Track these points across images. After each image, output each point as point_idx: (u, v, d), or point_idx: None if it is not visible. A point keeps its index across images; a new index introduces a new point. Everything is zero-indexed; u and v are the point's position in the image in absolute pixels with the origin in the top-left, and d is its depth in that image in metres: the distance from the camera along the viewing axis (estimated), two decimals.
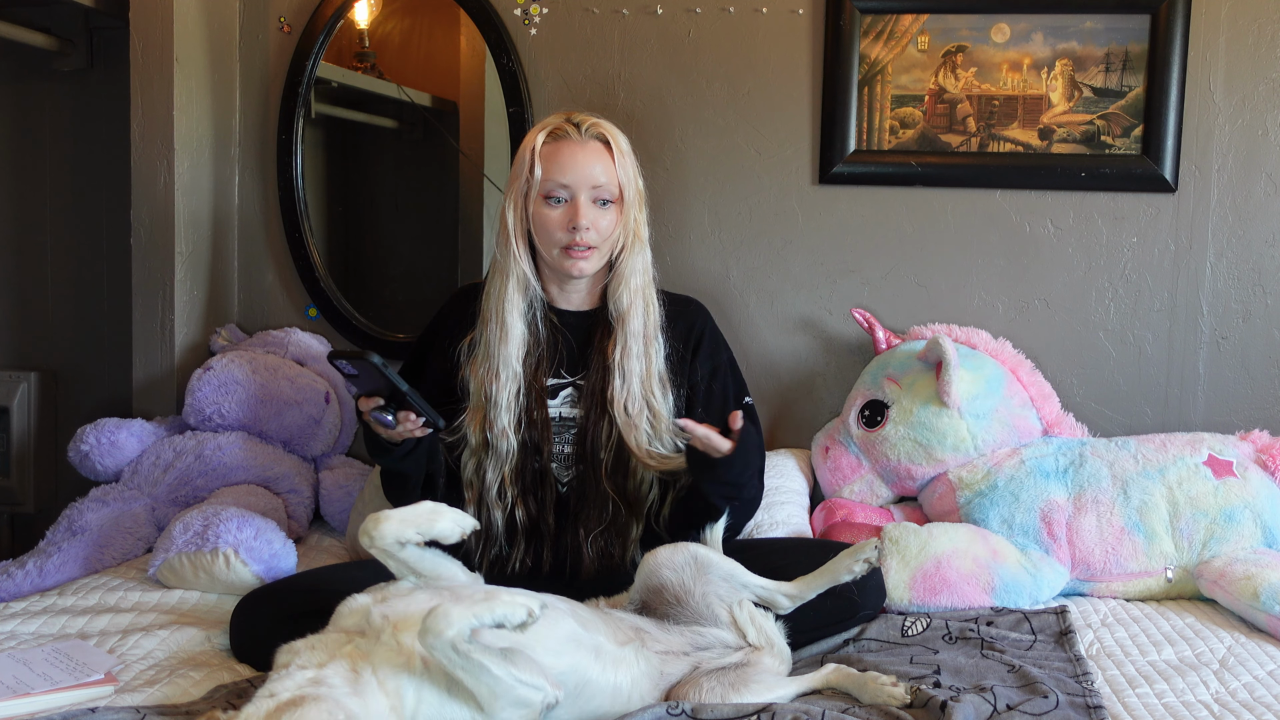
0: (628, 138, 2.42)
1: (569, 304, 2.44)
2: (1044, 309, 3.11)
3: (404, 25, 3.40)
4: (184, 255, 3.33)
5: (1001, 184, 3.10)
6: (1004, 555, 2.60)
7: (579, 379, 2.38)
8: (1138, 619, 2.51)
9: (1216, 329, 3.05)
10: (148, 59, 3.28)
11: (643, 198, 2.40)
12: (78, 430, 3.07)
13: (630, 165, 2.36)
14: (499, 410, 2.31)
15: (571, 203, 2.30)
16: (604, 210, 2.32)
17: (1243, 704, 2.03)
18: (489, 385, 2.32)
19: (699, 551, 2.16)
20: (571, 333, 2.41)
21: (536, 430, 2.34)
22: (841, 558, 2.19)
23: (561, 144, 2.31)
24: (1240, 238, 3.03)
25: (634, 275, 2.36)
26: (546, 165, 2.30)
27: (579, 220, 2.28)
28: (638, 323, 2.35)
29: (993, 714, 1.87)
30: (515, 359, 2.32)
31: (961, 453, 2.84)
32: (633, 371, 2.32)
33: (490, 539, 2.34)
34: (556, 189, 2.30)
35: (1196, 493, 2.68)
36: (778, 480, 2.93)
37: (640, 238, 2.37)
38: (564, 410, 2.38)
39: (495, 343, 2.33)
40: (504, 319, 2.33)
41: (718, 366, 2.49)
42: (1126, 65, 3.02)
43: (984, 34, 3.07)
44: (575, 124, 2.33)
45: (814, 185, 3.18)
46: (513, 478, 2.33)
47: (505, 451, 2.32)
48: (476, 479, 2.34)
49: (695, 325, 2.49)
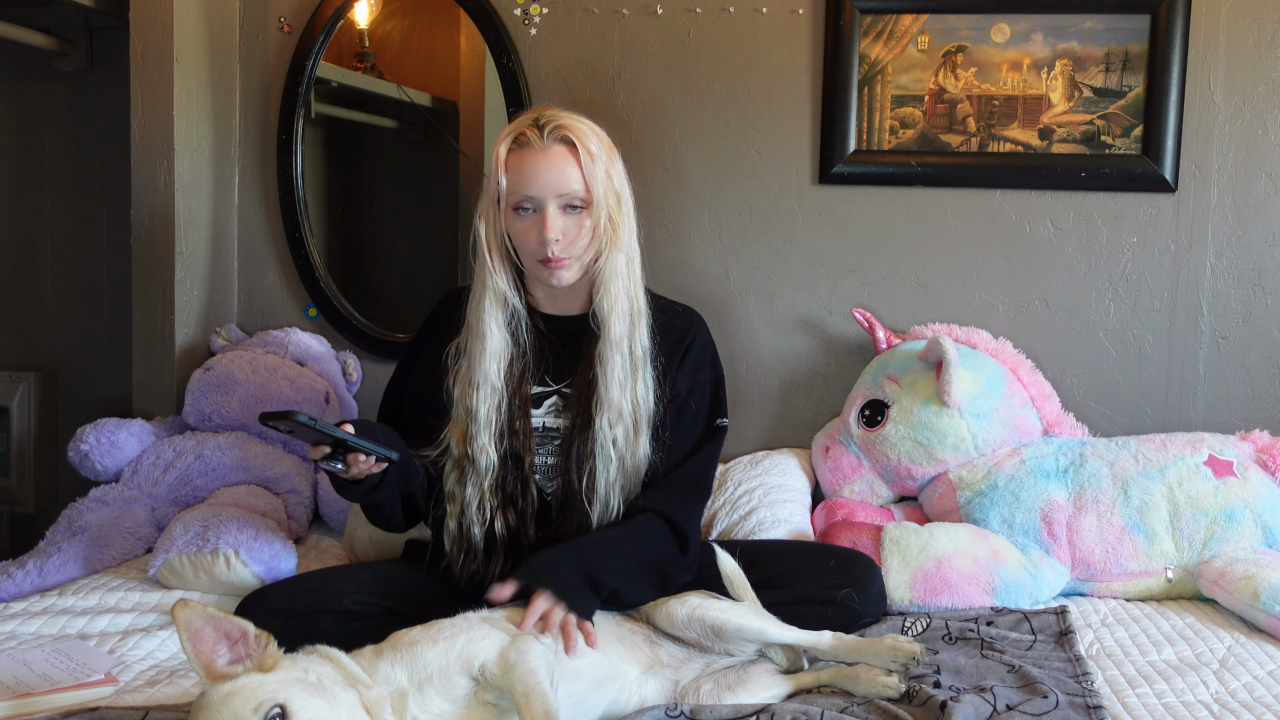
0: (627, 136, 2.35)
1: (555, 308, 2.36)
2: (1044, 309, 3.11)
3: (404, 25, 3.40)
4: (184, 255, 3.33)
5: (1001, 184, 3.10)
6: (1005, 555, 2.60)
7: (564, 386, 2.32)
8: (1138, 619, 2.50)
9: (1216, 329, 3.05)
10: (148, 59, 3.27)
11: (621, 197, 2.27)
12: (78, 430, 3.06)
13: (601, 166, 2.21)
14: (479, 425, 2.24)
15: (539, 213, 2.19)
16: (574, 216, 2.21)
17: (1243, 704, 2.02)
18: (469, 398, 2.25)
19: (717, 620, 2.08)
20: (560, 339, 2.34)
21: (519, 441, 2.27)
22: (883, 648, 2.04)
23: (524, 152, 2.20)
24: (1240, 238, 3.03)
25: (615, 278, 2.24)
26: (511, 176, 2.20)
27: (546, 234, 2.17)
28: (620, 327, 2.24)
29: (992, 714, 1.87)
30: (495, 373, 2.25)
31: (962, 452, 2.84)
32: (615, 379, 2.23)
33: (470, 552, 2.28)
34: (523, 200, 2.19)
35: (1197, 493, 2.68)
36: (780, 479, 2.94)
37: (619, 239, 2.25)
38: (548, 420, 2.31)
39: (476, 355, 2.26)
40: (483, 330, 2.25)
41: (697, 384, 2.38)
42: (1126, 65, 3.02)
43: (984, 34, 3.07)
44: (539, 127, 2.19)
45: (814, 185, 3.18)
46: (493, 491, 2.26)
47: (485, 466, 2.25)
48: (458, 490, 2.27)
49: (686, 336, 2.38)
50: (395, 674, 1.75)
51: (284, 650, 1.67)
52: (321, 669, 1.68)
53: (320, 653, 1.74)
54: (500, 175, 2.21)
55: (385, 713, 1.68)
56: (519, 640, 1.84)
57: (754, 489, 2.89)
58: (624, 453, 2.25)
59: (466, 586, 2.25)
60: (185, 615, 1.59)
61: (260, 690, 1.55)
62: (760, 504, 2.83)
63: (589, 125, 2.25)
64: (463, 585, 2.26)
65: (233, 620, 1.63)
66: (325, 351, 3.33)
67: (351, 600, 2.17)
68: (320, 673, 1.66)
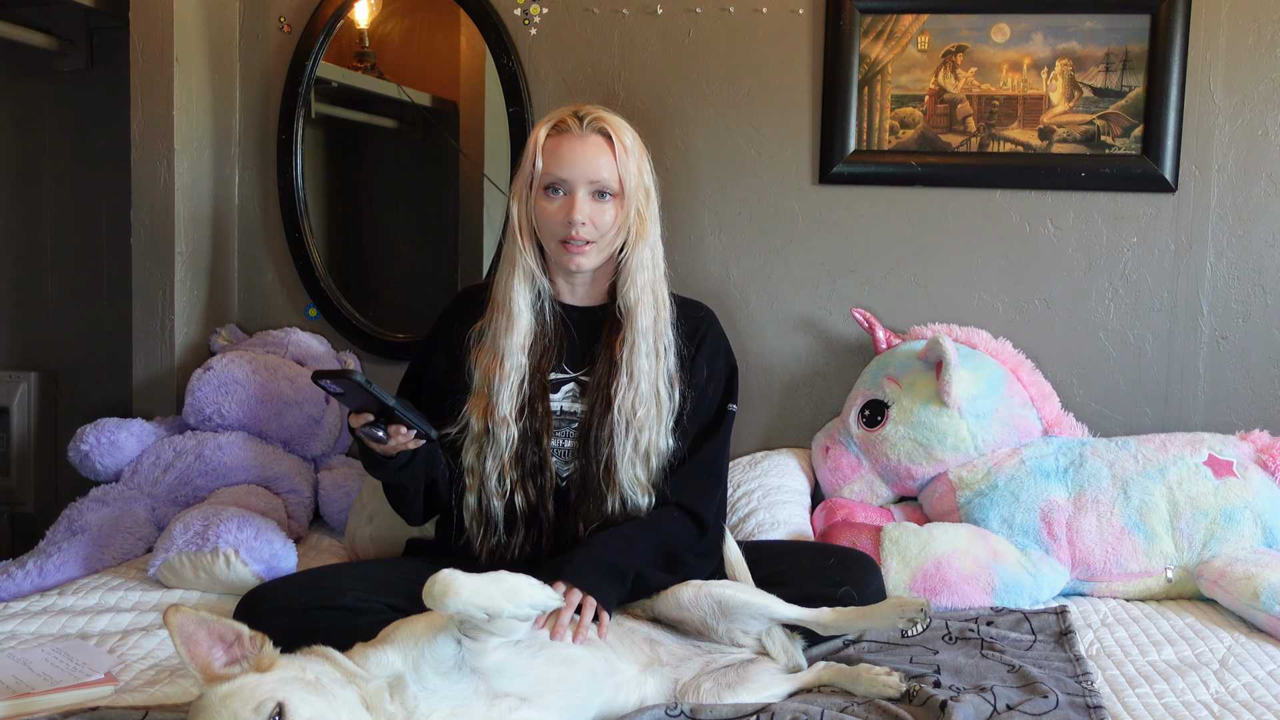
0: None
1: (575, 299, 2.42)
2: (1044, 309, 3.11)
3: (404, 25, 3.39)
4: (184, 255, 3.32)
5: (1001, 184, 3.10)
6: (1004, 556, 2.60)
7: (582, 374, 2.36)
8: (1138, 619, 2.50)
9: (1216, 329, 3.05)
10: (148, 59, 3.26)
11: (650, 194, 2.35)
12: (78, 430, 3.05)
13: (634, 161, 2.31)
14: (501, 398, 2.29)
15: (569, 196, 2.28)
16: (603, 205, 2.29)
17: (1243, 704, 2.02)
18: (493, 372, 2.30)
19: (723, 595, 2.12)
20: (576, 328, 2.39)
21: (538, 420, 2.32)
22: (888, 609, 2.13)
23: (563, 138, 2.29)
24: (1240, 238, 3.02)
25: (641, 271, 2.32)
26: (547, 158, 2.28)
27: (574, 215, 2.26)
28: (646, 319, 2.32)
29: (992, 714, 1.87)
30: (520, 348, 2.31)
31: (962, 452, 2.83)
32: (641, 369, 2.30)
33: (490, 526, 2.32)
34: (555, 182, 2.28)
35: (1197, 493, 2.68)
36: (779, 480, 2.94)
37: (645, 233, 2.33)
38: (565, 405, 2.36)
39: (501, 331, 2.32)
40: (510, 308, 2.32)
41: (713, 373, 2.45)
42: (1126, 65, 3.01)
43: (984, 34, 3.07)
44: (579, 117, 2.30)
45: (814, 185, 3.17)
46: (512, 464, 2.30)
47: (505, 439, 2.29)
48: (478, 464, 2.31)
49: (700, 327, 2.45)
50: (390, 660, 1.74)
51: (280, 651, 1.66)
52: (319, 668, 1.67)
53: (317, 652, 1.73)
54: (537, 157, 2.30)
55: (385, 702, 1.68)
56: None
57: (753, 490, 2.89)
58: (643, 440, 2.30)
59: (487, 563, 2.28)
60: (177, 620, 1.60)
61: (259, 690, 1.55)
62: (760, 505, 2.84)
63: (625, 123, 2.35)
64: (483, 562, 2.30)
65: (226, 623, 1.64)
66: (325, 351, 3.33)
67: (354, 596, 2.17)
68: (318, 671, 1.66)
